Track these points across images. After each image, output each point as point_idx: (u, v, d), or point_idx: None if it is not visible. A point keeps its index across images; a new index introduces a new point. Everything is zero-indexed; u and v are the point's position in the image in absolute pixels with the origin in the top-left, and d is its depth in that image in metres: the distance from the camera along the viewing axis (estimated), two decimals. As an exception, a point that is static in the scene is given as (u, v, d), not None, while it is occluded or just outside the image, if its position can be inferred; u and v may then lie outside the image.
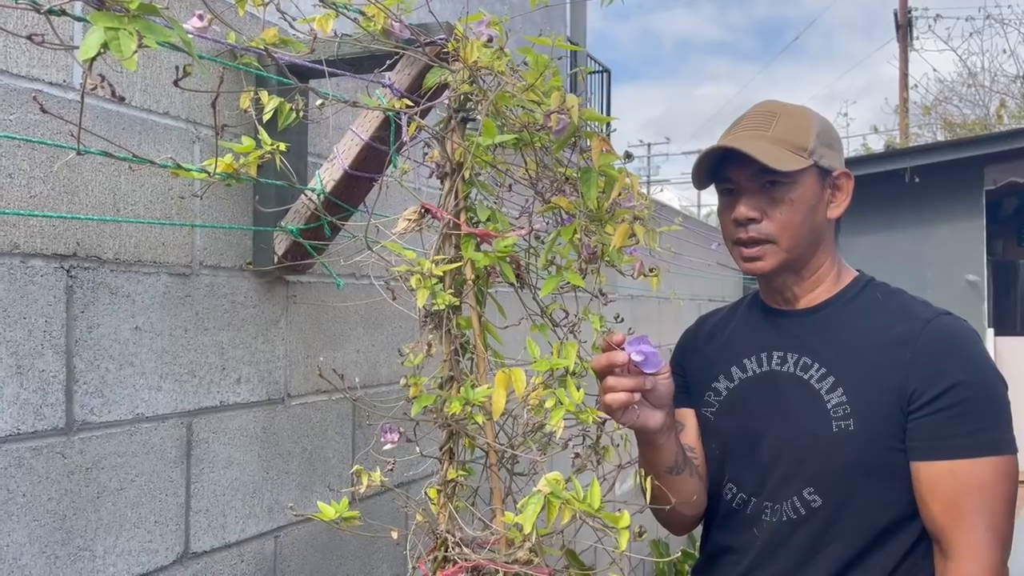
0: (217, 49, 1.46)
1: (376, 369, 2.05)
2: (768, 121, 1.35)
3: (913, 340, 1.30)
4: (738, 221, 1.34)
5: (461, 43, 1.29)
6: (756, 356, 1.43)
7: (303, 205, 1.58)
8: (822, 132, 1.35)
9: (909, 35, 15.87)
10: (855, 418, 1.29)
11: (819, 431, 1.31)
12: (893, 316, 1.35)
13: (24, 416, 1.25)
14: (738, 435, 1.42)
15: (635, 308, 3.96)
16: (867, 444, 1.29)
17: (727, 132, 1.39)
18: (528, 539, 1.21)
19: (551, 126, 1.26)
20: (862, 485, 1.30)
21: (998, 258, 7.79)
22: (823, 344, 1.36)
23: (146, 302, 1.44)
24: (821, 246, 1.39)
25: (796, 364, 1.37)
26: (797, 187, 1.32)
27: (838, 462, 1.30)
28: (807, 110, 1.39)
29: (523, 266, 1.39)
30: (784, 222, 1.32)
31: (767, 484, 1.36)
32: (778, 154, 1.29)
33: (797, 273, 1.39)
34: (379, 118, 1.46)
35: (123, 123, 1.40)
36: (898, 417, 1.28)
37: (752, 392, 1.42)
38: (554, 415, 1.18)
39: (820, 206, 1.35)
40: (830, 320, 1.38)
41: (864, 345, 1.33)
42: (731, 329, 1.52)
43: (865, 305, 1.39)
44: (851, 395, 1.31)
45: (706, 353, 1.51)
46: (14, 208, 1.23)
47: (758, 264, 1.35)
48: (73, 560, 1.32)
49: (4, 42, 1.22)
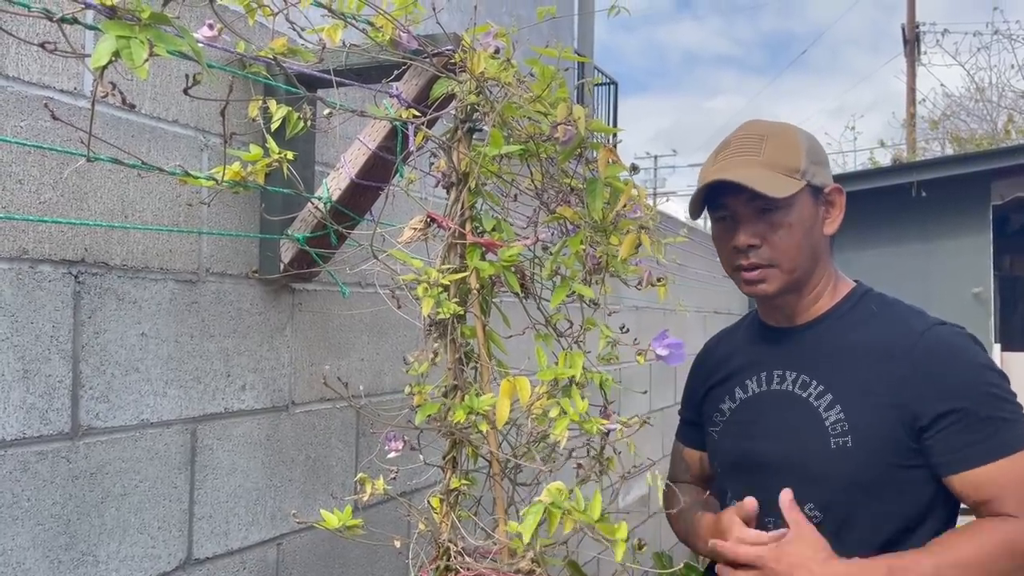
0: (226, 58, 1.48)
1: (380, 378, 2.05)
2: (757, 145, 1.35)
3: (909, 354, 1.30)
4: (738, 248, 1.36)
5: (468, 54, 1.30)
6: (757, 376, 1.45)
7: (309, 213, 1.59)
8: (810, 150, 1.36)
9: (917, 50, 15.88)
10: (853, 435, 1.30)
11: (818, 449, 1.33)
12: (887, 329, 1.36)
13: (30, 420, 1.25)
14: (740, 454, 1.45)
15: (640, 319, 3.96)
16: (866, 461, 1.30)
17: (714, 158, 1.39)
18: (530, 549, 1.21)
19: (558, 137, 1.27)
20: (862, 501, 1.31)
21: (1005, 273, 7.77)
22: (820, 360, 1.38)
23: (152, 308, 1.45)
24: (820, 263, 1.40)
25: (795, 382, 1.39)
26: (794, 209, 1.33)
27: (837, 479, 1.32)
28: (792, 129, 1.40)
29: (528, 276, 1.39)
30: (784, 246, 1.33)
31: (769, 500, 1.37)
32: (773, 179, 1.30)
33: (798, 292, 1.40)
34: (386, 128, 1.46)
35: (132, 130, 1.42)
36: (899, 434, 1.28)
37: (753, 412, 1.44)
38: (558, 425, 1.18)
39: (816, 224, 1.37)
40: (825, 335, 1.40)
41: (859, 360, 1.34)
42: (735, 350, 1.54)
43: (861, 318, 1.39)
44: (848, 412, 1.32)
45: (713, 378, 1.54)
46: (24, 214, 1.24)
47: (760, 287, 1.37)
48: (76, 565, 1.32)
49: (16, 50, 1.23)
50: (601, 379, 1.31)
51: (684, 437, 1.69)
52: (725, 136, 1.44)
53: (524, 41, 1.38)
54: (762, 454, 1.40)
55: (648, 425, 1.38)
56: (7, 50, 1.22)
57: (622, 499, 1.43)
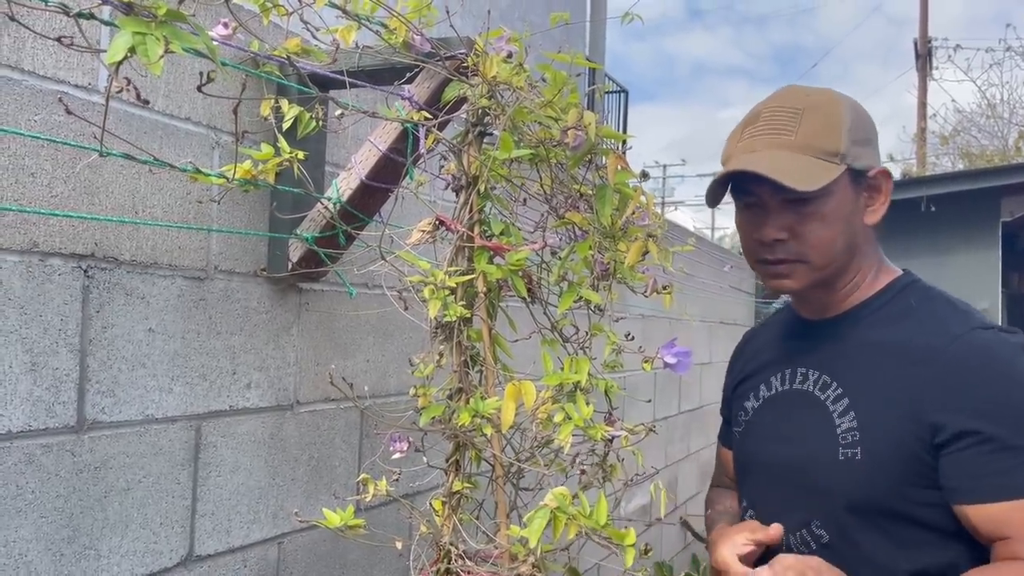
0: (240, 57, 1.48)
1: (385, 379, 2.06)
2: (790, 122, 1.16)
3: (935, 358, 1.11)
4: (763, 242, 1.20)
5: (481, 58, 1.31)
6: (781, 373, 1.31)
7: (319, 213, 1.60)
8: (854, 127, 1.17)
9: (929, 64, 15.87)
10: (863, 446, 1.14)
11: (825, 458, 1.18)
12: (920, 328, 1.16)
13: (36, 413, 1.26)
14: (755, 458, 1.34)
15: (646, 327, 3.95)
16: (872, 476, 1.13)
17: (740, 133, 1.22)
18: (531, 554, 1.21)
19: (568, 142, 1.27)
20: (872, 523, 1.14)
21: (1013, 290, 7.74)
22: (842, 359, 1.22)
23: (160, 304, 1.45)
24: (858, 255, 1.22)
25: (816, 382, 1.24)
26: (829, 199, 1.15)
27: (841, 495, 1.16)
28: (836, 99, 1.19)
29: (535, 281, 1.40)
30: (816, 241, 1.16)
31: (778, 512, 1.26)
32: (805, 167, 1.12)
33: (830, 286, 1.24)
34: (397, 130, 1.47)
35: (145, 127, 1.42)
36: (915, 449, 1.11)
37: (771, 413, 1.32)
38: (563, 430, 1.18)
39: (856, 214, 1.18)
40: (852, 331, 1.23)
41: (882, 361, 1.17)
42: (767, 343, 1.41)
43: (895, 313, 1.21)
44: (862, 419, 1.15)
45: (743, 372, 1.42)
46: (35, 207, 1.25)
47: (786, 283, 1.21)
48: (78, 559, 1.32)
49: (32, 44, 1.24)
50: (607, 385, 1.31)
51: (721, 437, 1.54)
52: (755, 105, 1.24)
53: (536, 47, 1.38)
54: (773, 460, 1.28)
55: (653, 433, 1.39)
56: (23, 44, 1.23)
57: (625, 506, 1.41)
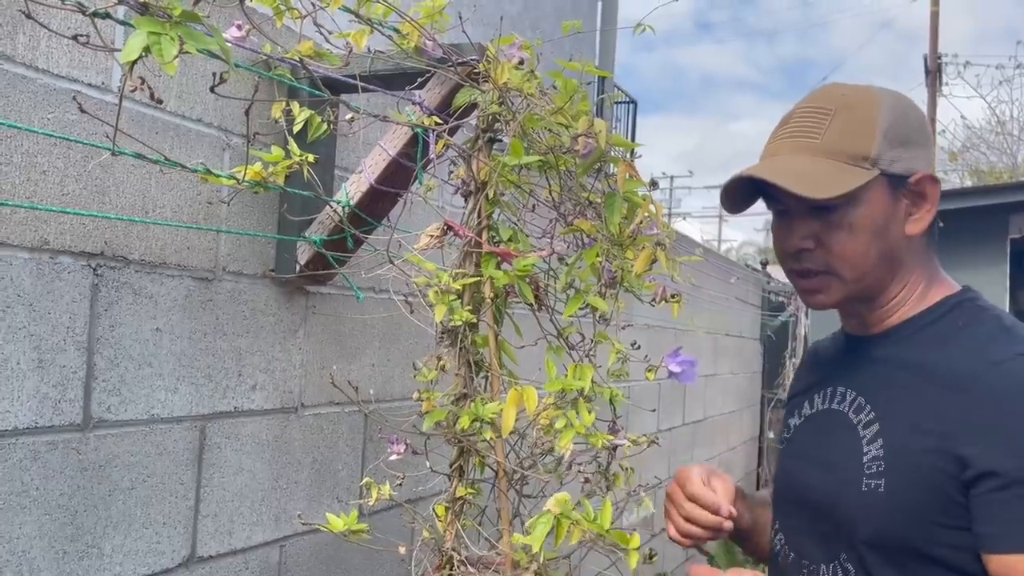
0: (253, 59, 1.49)
1: (390, 383, 2.06)
2: (819, 124, 1.08)
3: (971, 386, 1.01)
4: (788, 252, 1.13)
5: (492, 64, 1.31)
6: (823, 391, 1.22)
7: (328, 217, 1.60)
8: (893, 127, 1.07)
9: (939, 80, 15.85)
10: (888, 478, 1.04)
11: (849, 488, 1.08)
12: (961, 350, 1.06)
13: (43, 410, 1.26)
14: (788, 482, 1.25)
15: (652, 337, 3.94)
16: (893, 511, 1.03)
17: (772, 135, 1.15)
18: (534, 561, 1.21)
19: (578, 149, 1.27)
20: (888, 561, 1.05)
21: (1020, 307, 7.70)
22: (878, 380, 1.13)
23: (168, 304, 1.46)
24: (901, 269, 1.12)
25: (852, 404, 1.15)
26: (859, 206, 1.06)
27: (864, 529, 1.06)
28: (873, 98, 1.09)
29: (542, 287, 1.40)
30: (843, 251, 1.07)
31: (805, 541, 1.17)
32: (826, 172, 1.04)
33: (871, 301, 1.14)
34: (407, 134, 1.47)
35: (157, 127, 1.43)
36: (943, 484, 1.00)
37: (808, 433, 1.23)
38: (563, 437, 1.18)
39: (893, 223, 1.08)
40: (892, 350, 1.14)
41: (918, 386, 1.07)
42: (822, 356, 1.32)
43: (941, 334, 1.10)
44: (888, 449, 1.05)
45: (797, 387, 1.34)
46: (46, 204, 1.26)
47: (818, 298, 1.13)
48: (81, 557, 1.32)
49: (47, 43, 1.25)
50: (611, 394, 1.31)
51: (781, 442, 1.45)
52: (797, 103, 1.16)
53: (546, 55, 1.38)
54: (802, 485, 1.20)
55: (656, 444, 1.38)
56: (38, 43, 1.24)
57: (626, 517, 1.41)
